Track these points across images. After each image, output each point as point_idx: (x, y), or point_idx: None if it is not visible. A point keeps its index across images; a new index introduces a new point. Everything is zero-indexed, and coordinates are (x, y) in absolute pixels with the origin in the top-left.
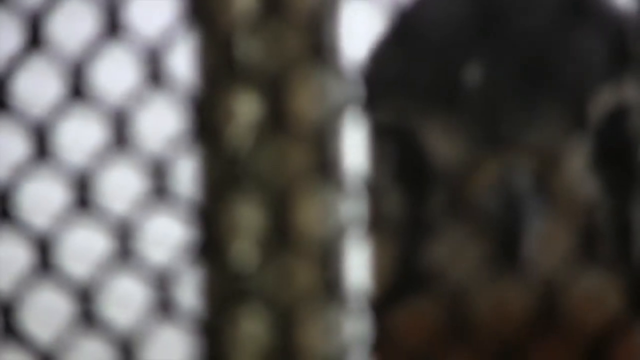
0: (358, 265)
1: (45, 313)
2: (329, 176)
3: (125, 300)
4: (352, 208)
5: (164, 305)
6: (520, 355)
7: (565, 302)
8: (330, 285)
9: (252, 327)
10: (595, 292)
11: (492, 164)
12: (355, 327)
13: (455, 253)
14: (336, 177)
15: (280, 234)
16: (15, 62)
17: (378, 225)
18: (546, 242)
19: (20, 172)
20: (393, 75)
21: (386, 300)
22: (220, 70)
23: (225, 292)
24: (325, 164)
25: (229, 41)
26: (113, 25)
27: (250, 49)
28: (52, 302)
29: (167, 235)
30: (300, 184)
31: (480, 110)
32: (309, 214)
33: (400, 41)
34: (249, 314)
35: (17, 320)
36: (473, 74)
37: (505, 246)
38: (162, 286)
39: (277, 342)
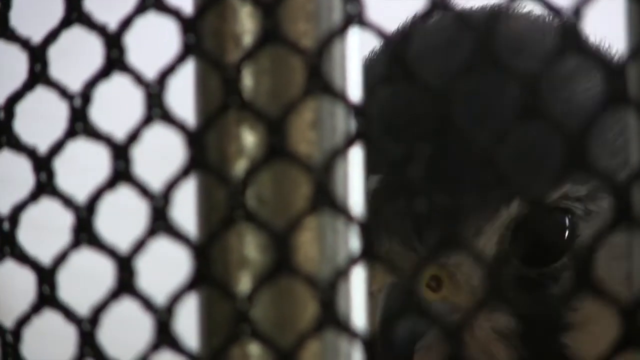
0: (359, 302)
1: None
2: (331, 211)
3: (127, 326)
4: (354, 243)
5: (164, 335)
6: None
7: None
8: (332, 322)
9: None
10: None
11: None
12: None
13: None
14: (338, 213)
15: (282, 269)
16: (19, 95)
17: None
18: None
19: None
20: None
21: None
22: (222, 103)
23: (225, 328)
24: (327, 199)
25: (231, 76)
26: (116, 59)
27: (252, 83)
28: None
29: (168, 268)
30: (302, 219)
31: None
32: (311, 249)
33: None
34: (247, 354)
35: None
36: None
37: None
38: (163, 317)
39: None
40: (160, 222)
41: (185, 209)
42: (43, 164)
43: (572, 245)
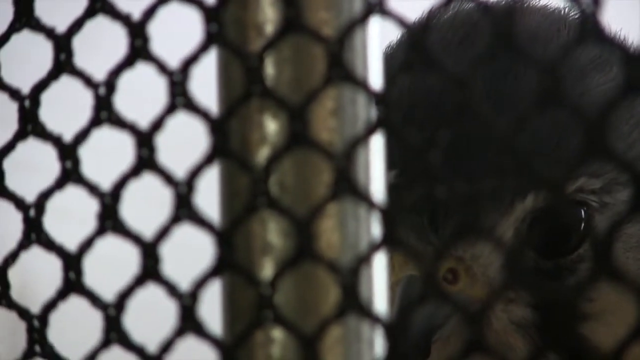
0: (381, 287)
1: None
2: (352, 198)
3: (152, 312)
4: (375, 230)
5: (188, 321)
6: None
7: None
8: (354, 307)
9: (274, 350)
10: None
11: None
12: (376, 350)
13: None
14: (360, 199)
15: (304, 255)
16: (44, 84)
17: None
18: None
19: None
20: None
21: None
22: (245, 91)
23: (248, 313)
24: (349, 186)
25: (253, 65)
26: (139, 48)
27: (274, 72)
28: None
29: (192, 254)
30: (324, 205)
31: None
32: (333, 236)
33: None
34: (270, 338)
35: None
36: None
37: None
38: (187, 302)
39: None
40: (184, 209)
41: (208, 196)
42: (68, 152)
43: (587, 237)
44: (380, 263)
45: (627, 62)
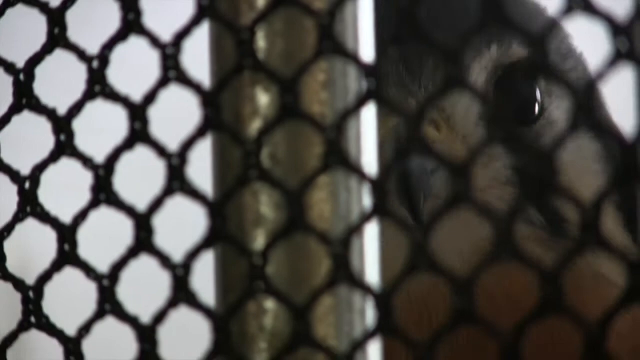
0: (373, 258)
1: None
2: (344, 169)
3: (145, 283)
4: (366, 200)
5: (181, 291)
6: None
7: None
8: (345, 277)
9: (266, 321)
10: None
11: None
12: (367, 320)
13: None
14: (352, 170)
15: (296, 227)
16: (39, 58)
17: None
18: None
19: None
20: None
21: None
22: (237, 65)
23: (241, 284)
24: (340, 158)
25: (245, 38)
26: (133, 22)
27: (266, 45)
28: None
29: (185, 226)
30: (316, 177)
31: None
32: (325, 207)
33: None
34: (263, 309)
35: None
36: None
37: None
38: (180, 273)
39: (291, 336)
40: (177, 181)
41: (201, 169)
42: (63, 125)
43: (545, 110)
44: (371, 234)
45: (615, 32)
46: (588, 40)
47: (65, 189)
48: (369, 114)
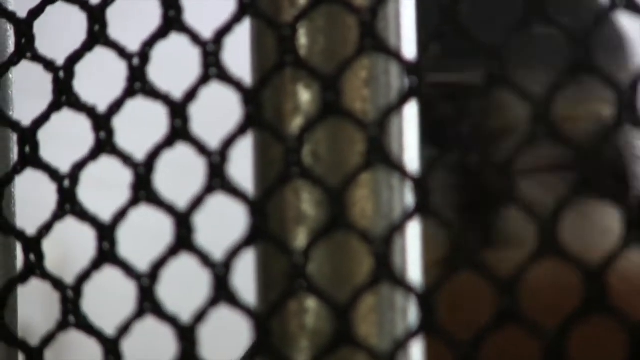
0: (415, 257)
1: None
2: (386, 166)
3: (185, 282)
4: (408, 198)
5: (222, 290)
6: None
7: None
8: (387, 276)
9: (307, 320)
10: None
11: None
12: (409, 319)
13: None
14: (394, 168)
15: (338, 225)
16: (79, 55)
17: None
18: None
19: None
20: None
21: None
22: (278, 62)
23: (282, 283)
24: (382, 156)
25: (286, 35)
26: (173, 19)
27: (307, 42)
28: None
29: (225, 224)
30: (357, 175)
31: None
32: (366, 205)
33: None
34: (304, 308)
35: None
36: None
37: None
38: (220, 272)
39: (332, 335)
40: (217, 179)
41: (242, 166)
42: (102, 123)
43: None
44: (413, 232)
45: None
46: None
47: (105, 185)
48: (411, 111)
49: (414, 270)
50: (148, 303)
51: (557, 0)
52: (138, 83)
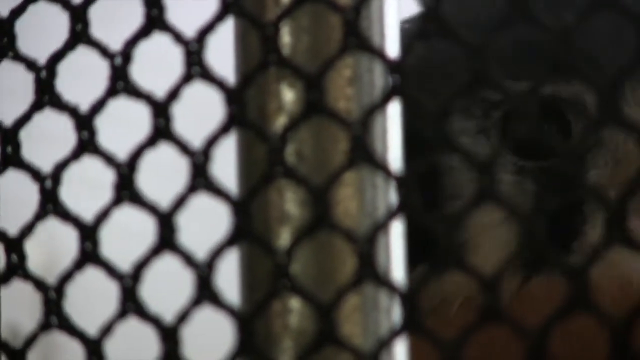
0: (398, 256)
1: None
2: (370, 165)
3: (168, 282)
4: (392, 198)
5: (205, 290)
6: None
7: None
8: (371, 276)
9: (291, 320)
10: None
11: None
12: (393, 318)
13: None
14: (377, 167)
15: (321, 224)
16: (61, 55)
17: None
18: None
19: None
20: None
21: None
22: (262, 61)
23: (265, 283)
24: (366, 155)
25: (270, 34)
26: (156, 18)
27: (291, 41)
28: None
29: (208, 225)
30: (341, 174)
31: None
32: (350, 204)
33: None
34: (288, 308)
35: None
36: None
37: None
38: (203, 272)
39: (316, 335)
40: (200, 179)
41: (225, 166)
42: (85, 123)
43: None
44: (397, 231)
45: None
46: None
47: (88, 184)
48: (395, 110)
49: (398, 269)
50: (131, 303)
51: None
52: (120, 82)
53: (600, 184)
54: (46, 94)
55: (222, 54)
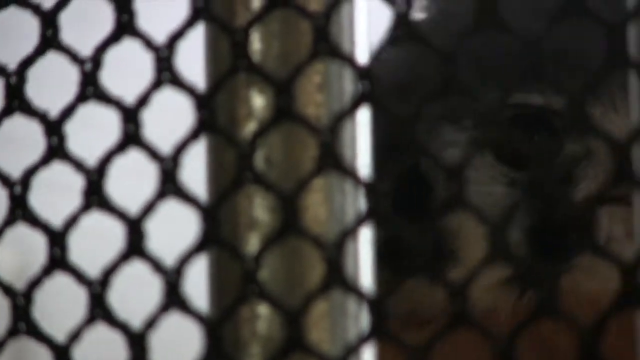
0: (366, 262)
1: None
2: (339, 172)
3: (136, 289)
4: (361, 204)
5: (173, 296)
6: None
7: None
8: (339, 282)
9: (259, 326)
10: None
11: None
12: (361, 324)
13: None
14: (346, 173)
15: (290, 230)
16: (31, 60)
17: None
18: None
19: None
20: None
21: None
22: (232, 66)
23: (234, 289)
24: (335, 161)
25: (240, 40)
26: (126, 23)
27: (261, 47)
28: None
29: (177, 231)
30: (310, 180)
31: None
32: (319, 211)
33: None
34: (256, 314)
35: None
36: None
37: None
38: (172, 278)
39: (284, 341)
40: (169, 185)
41: (194, 171)
42: (54, 128)
43: None
44: (365, 237)
45: (609, 33)
46: None
47: (59, 188)
48: (364, 116)
49: (366, 275)
50: (99, 309)
51: None
52: (90, 88)
53: (590, 195)
54: (16, 100)
55: (192, 59)
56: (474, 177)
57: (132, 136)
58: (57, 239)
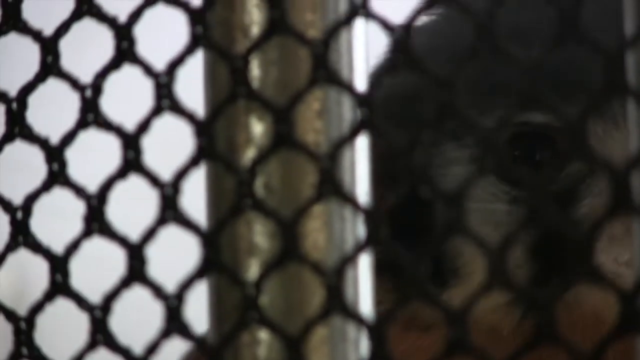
0: (366, 288)
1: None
2: (338, 199)
3: (138, 313)
4: (360, 230)
5: (174, 322)
6: None
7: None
8: (339, 308)
9: (259, 351)
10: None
11: None
12: (361, 350)
13: None
14: (345, 200)
15: (290, 256)
16: (32, 86)
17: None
18: None
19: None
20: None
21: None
22: (231, 93)
23: (234, 315)
24: (334, 187)
25: (239, 67)
26: (126, 50)
27: (260, 74)
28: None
29: (178, 257)
30: (309, 206)
31: None
32: (318, 237)
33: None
34: (256, 339)
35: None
36: None
37: None
38: (173, 304)
39: None
40: (170, 211)
41: (195, 198)
42: (55, 154)
43: None
44: (365, 263)
45: (607, 62)
46: None
47: (60, 214)
48: (363, 143)
49: (366, 301)
50: (100, 335)
51: None
52: (91, 114)
53: (594, 213)
54: (17, 126)
55: (192, 86)
56: (475, 194)
57: (132, 162)
58: (59, 265)
